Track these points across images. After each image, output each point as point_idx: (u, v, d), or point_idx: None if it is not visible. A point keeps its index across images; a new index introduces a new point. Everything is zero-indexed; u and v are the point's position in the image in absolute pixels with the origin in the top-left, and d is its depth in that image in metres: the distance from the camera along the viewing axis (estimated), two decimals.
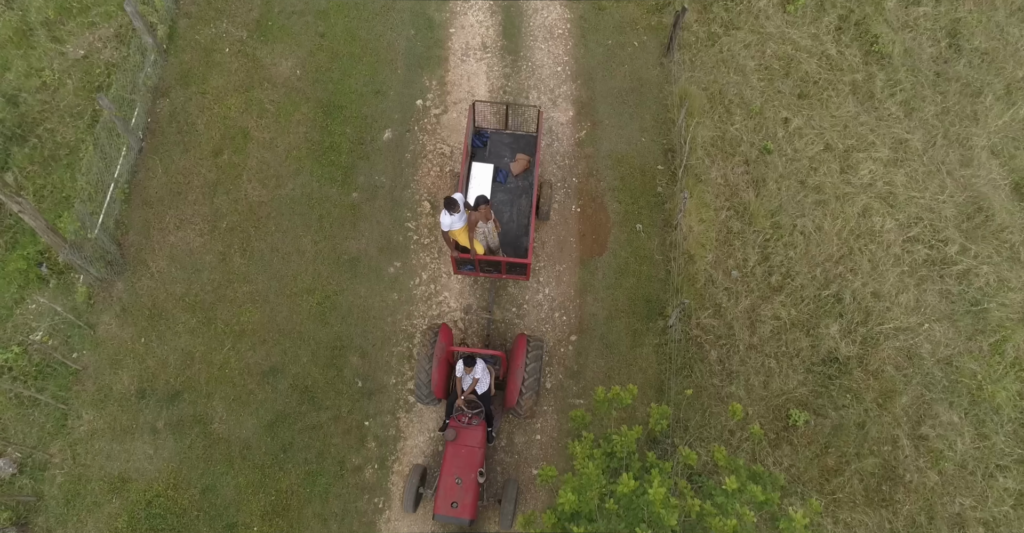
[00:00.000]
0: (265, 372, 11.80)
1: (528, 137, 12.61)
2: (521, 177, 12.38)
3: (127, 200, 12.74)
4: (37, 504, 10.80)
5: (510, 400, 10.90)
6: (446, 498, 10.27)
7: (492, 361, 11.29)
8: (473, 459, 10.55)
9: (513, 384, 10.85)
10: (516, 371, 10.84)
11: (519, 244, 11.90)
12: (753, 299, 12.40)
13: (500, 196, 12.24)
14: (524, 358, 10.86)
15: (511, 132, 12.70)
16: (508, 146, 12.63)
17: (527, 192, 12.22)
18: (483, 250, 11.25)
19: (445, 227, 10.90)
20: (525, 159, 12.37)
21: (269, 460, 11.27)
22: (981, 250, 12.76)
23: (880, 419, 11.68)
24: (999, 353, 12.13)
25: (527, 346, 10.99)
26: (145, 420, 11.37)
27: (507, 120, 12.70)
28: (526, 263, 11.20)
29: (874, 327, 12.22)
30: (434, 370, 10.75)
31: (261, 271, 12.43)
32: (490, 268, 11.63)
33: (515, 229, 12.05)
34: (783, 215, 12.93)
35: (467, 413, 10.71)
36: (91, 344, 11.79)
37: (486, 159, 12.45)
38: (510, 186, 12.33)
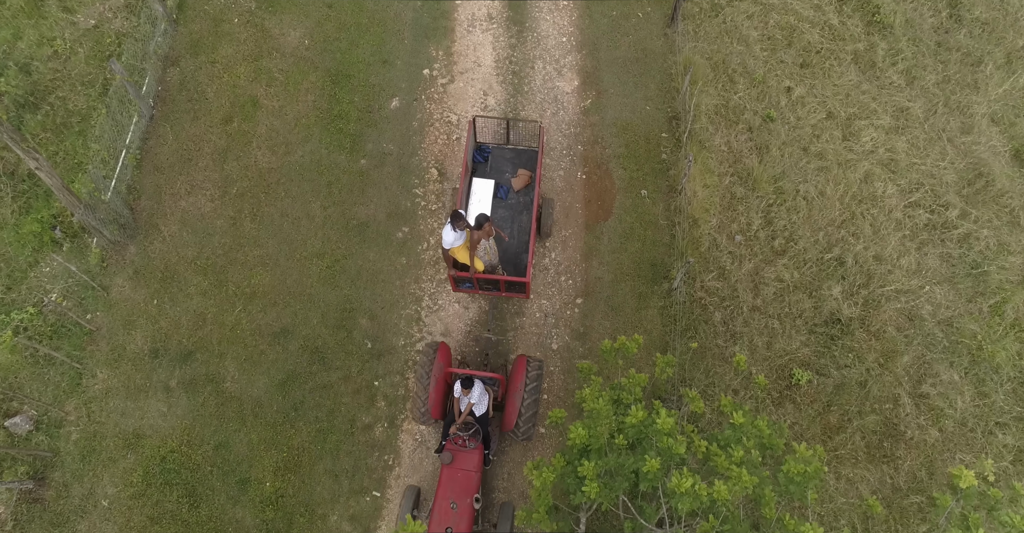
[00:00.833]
0: (276, 333, 11.97)
1: (530, 152, 12.21)
2: (522, 193, 12.01)
3: (139, 166, 12.91)
4: (53, 460, 10.99)
5: (508, 423, 10.58)
6: (440, 523, 9.78)
7: (491, 382, 10.98)
8: (469, 483, 10.16)
9: (512, 406, 10.53)
10: (515, 393, 10.52)
11: (519, 261, 11.55)
12: (756, 262, 12.57)
13: (501, 212, 11.87)
14: (523, 380, 10.55)
15: (513, 147, 12.32)
16: (510, 161, 12.22)
17: (528, 208, 11.82)
18: (483, 267, 10.99)
19: (447, 244, 10.55)
20: (527, 175, 12.01)
21: (280, 418, 11.46)
22: (981, 214, 12.93)
23: (881, 378, 11.86)
24: (999, 314, 12.31)
25: (527, 368, 10.72)
26: (158, 379, 11.55)
27: (508, 135, 12.25)
28: (525, 282, 10.86)
29: (876, 289, 12.40)
30: (431, 390, 10.48)
31: (271, 235, 12.60)
32: (489, 286, 11.31)
33: (515, 246, 11.67)
34: (786, 181, 13.10)
35: (464, 436, 10.38)
36: (104, 305, 11.97)
37: (487, 174, 12.08)
38: (511, 202, 11.97)
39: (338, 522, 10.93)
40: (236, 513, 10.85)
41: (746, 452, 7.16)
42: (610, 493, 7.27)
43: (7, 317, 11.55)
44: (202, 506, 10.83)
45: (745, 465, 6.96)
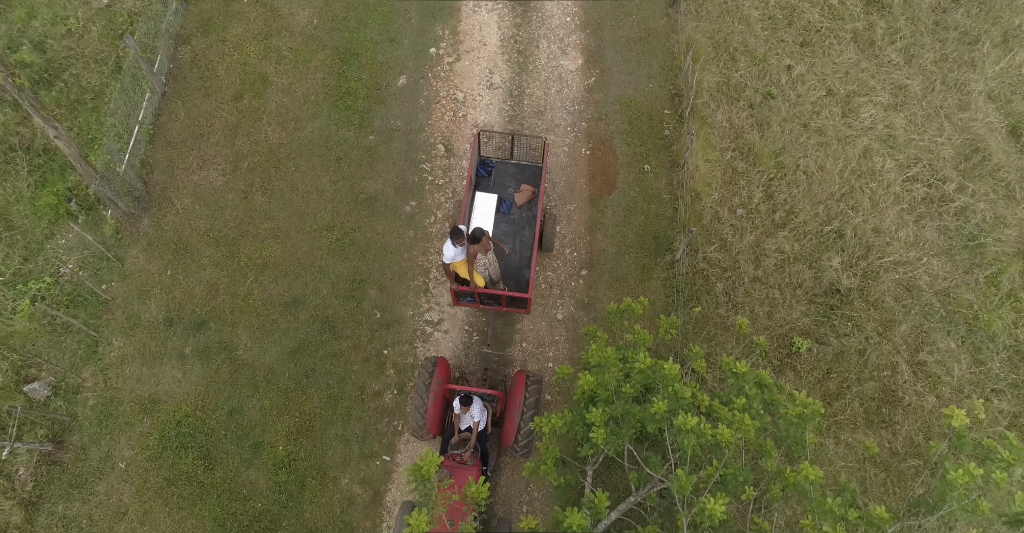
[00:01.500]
0: (287, 303, 12.23)
1: (533, 168, 12.23)
2: (525, 208, 11.97)
3: (151, 141, 13.16)
4: (71, 424, 11.25)
5: (507, 439, 10.49)
6: None
7: (490, 399, 10.95)
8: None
9: (511, 422, 10.45)
10: (514, 410, 10.45)
11: (521, 276, 11.46)
12: (757, 234, 12.83)
13: (503, 227, 11.83)
14: (523, 396, 10.46)
15: (516, 162, 12.32)
16: (513, 176, 12.20)
17: (531, 223, 11.78)
18: (484, 282, 10.93)
19: (447, 259, 10.51)
20: (530, 190, 11.99)
21: (292, 385, 11.72)
22: (978, 188, 13.18)
23: (880, 346, 12.12)
24: (995, 285, 12.56)
25: (526, 384, 10.65)
26: (173, 347, 11.81)
27: (512, 150, 12.23)
28: (527, 297, 10.76)
29: (874, 261, 12.65)
30: (429, 406, 10.40)
31: (282, 209, 12.86)
32: (490, 301, 11.25)
33: (517, 261, 11.59)
34: (786, 155, 13.35)
35: (462, 453, 10.29)
36: (119, 276, 12.23)
37: (490, 189, 12.07)
38: (513, 217, 11.92)
39: (349, 485, 11.19)
40: (250, 475, 11.12)
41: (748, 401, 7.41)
42: (616, 440, 7.53)
43: (25, 286, 11.82)
44: (217, 468, 11.10)
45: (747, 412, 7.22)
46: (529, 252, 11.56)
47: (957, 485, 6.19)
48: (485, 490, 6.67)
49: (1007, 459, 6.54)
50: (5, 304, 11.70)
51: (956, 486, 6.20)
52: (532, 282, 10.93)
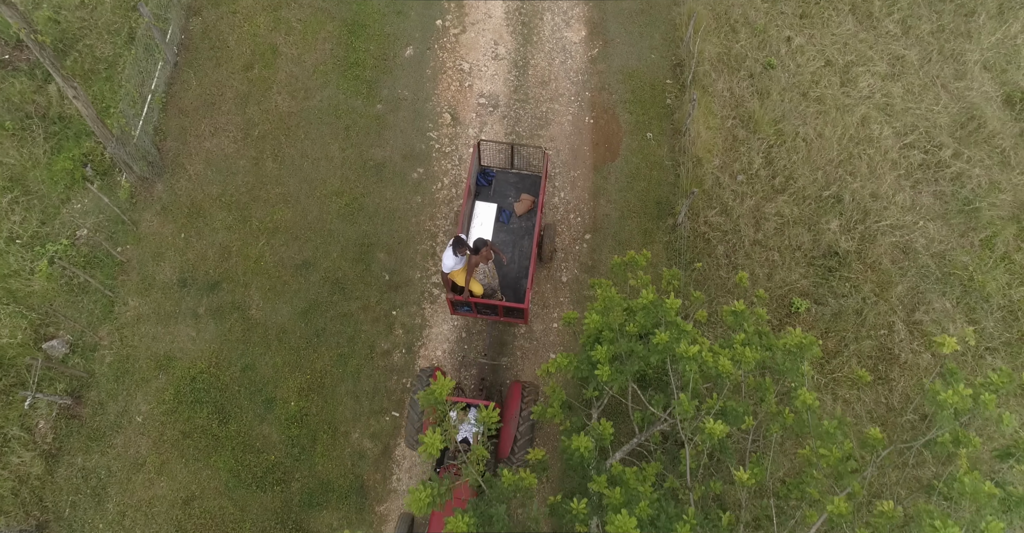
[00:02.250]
0: (298, 265, 12.53)
1: (534, 177, 12.19)
2: (524, 218, 11.93)
3: (164, 109, 13.45)
4: (89, 380, 11.55)
5: (503, 450, 10.37)
6: None
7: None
8: None
9: (507, 433, 10.33)
10: (510, 421, 10.36)
11: (519, 286, 11.38)
12: (757, 199, 13.11)
13: (502, 236, 11.80)
14: (519, 407, 10.34)
15: (517, 172, 12.30)
16: (513, 186, 12.17)
17: (529, 233, 11.73)
18: (480, 291, 10.90)
19: (447, 268, 10.50)
20: (529, 199, 11.96)
21: (303, 343, 12.02)
22: (973, 155, 13.45)
23: (877, 306, 12.41)
24: (989, 248, 12.84)
25: (522, 394, 10.53)
26: (187, 306, 12.11)
27: (512, 159, 12.22)
28: (523, 308, 10.73)
29: (872, 224, 12.93)
30: (425, 418, 10.26)
31: (292, 175, 13.14)
32: (487, 310, 11.22)
33: (516, 271, 11.53)
34: (786, 123, 13.62)
35: (457, 465, 10.08)
36: (134, 239, 12.52)
37: (490, 198, 12.05)
38: (513, 226, 11.88)
39: (359, 439, 11.49)
40: (263, 429, 11.42)
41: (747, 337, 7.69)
42: (620, 377, 7.81)
43: (42, 248, 12.11)
44: (231, 422, 11.40)
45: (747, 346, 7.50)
46: (527, 262, 11.46)
47: (947, 405, 6.48)
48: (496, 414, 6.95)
49: (996, 383, 6.83)
50: (24, 265, 12.00)
51: (946, 406, 6.48)
52: (529, 292, 10.91)
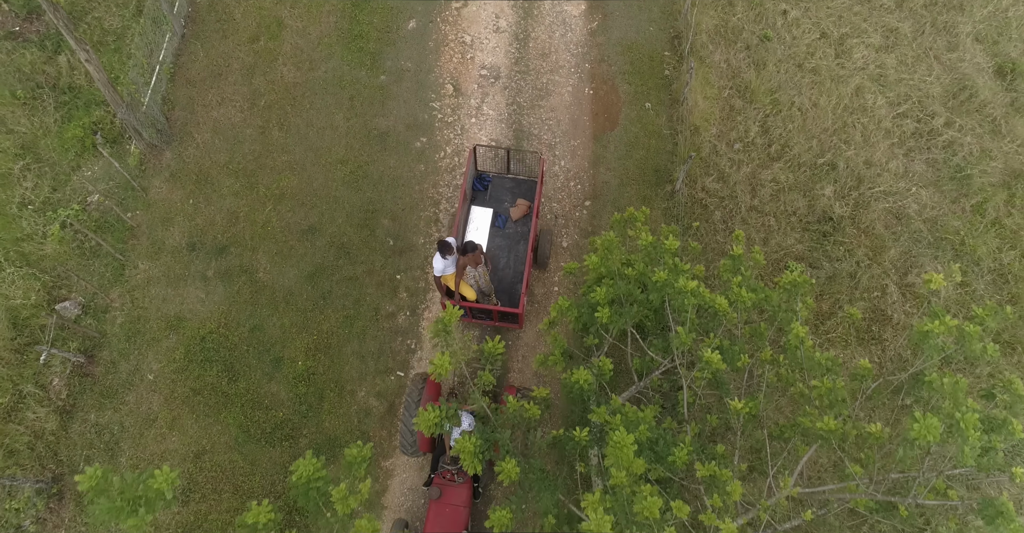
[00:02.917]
0: (304, 230, 12.80)
1: (530, 182, 12.25)
2: (520, 223, 11.97)
3: (172, 80, 13.70)
4: (101, 340, 11.83)
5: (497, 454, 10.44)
6: None
7: None
8: (458, 518, 9.89)
9: None
10: None
11: (514, 291, 11.44)
12: (754, 166, 13.39)
13: (498, 241, 11.82)
14: None
15: (513, 177, 12.34)
16: (509, 191, 12.23)
17: (525, 238, 11.76)
18: (474, 296, 10.97)
19: (438, 272, 10.60)
20: (525, 205, 11.99)
21: (310, 305, 12.29)
22: (965, 123, 13.74)
23: (870, 270, 12.70)
24: (980, 213, 13.14)
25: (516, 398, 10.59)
26: (196, 269, 12.38)
27: (508, 165, 12.26)
28: (517, 312, 10.75)
29: (865, 191, 13.22)
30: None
31: (298, 143, 13.41)
32: (482, 315, 11.33)
33: (511, 276, 11.59)
34: (782, 93, 13.90)
35: (453, 470, 10.17)
36: (144, 205, 12.79)
37: (486, 203, 12.13)
38: (508, 232, 11.93)
39: (365, 397, 11.77)
40: (271, 387, 11.70)
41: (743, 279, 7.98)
42: (620, 319, 8.09)
43: (54, 213, 12.37)
44: (240, 380, 11.68)
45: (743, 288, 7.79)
46: (523, 267, 11.51)
47: (933, 334, 6.76)
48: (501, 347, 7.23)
49: (980, 315, 7.11)
50: (36, 229, 12.26)
51: (932, 335, 6.76)
52: (524, 297, 11.00)
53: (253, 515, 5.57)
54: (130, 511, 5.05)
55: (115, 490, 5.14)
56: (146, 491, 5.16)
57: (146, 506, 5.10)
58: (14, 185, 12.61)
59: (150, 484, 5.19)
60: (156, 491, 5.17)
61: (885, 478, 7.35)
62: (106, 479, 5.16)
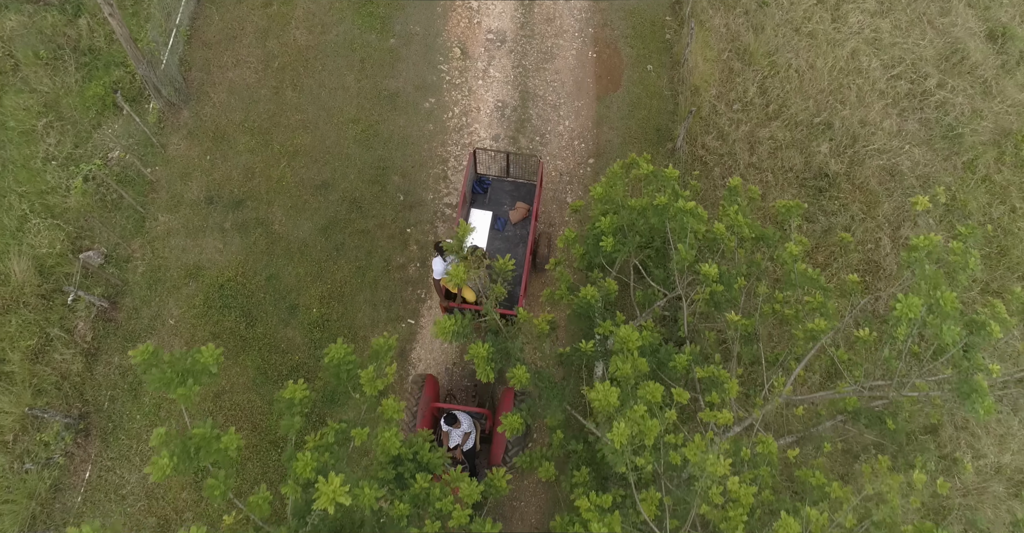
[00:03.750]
0: (317, 185, 13.25)
1: (529, 186, 12.36)
2: (519, 226, 12.06)
3: (188, 42, 14.14)
4: (123, 288, 12.29)
5: (495, 457, 10.43)
6: None
7: (478, 416, 10.79)
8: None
9: (499, 440, 10.36)
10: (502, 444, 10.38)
11: (513, 293, 11.44)
12: (752, 125, 13.83)
13: (497, 244, 11.89)
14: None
15: (512, 180, 12.45)
16: (509, 194, 12.30)
17: (524, 241, 11.85)
18: (474, 297, 11.05)
19: (438, 275, 10.71)
20: (524, 208, 12.09)
21: (324, 256, 12.75)
22: (957, 84, 14.18)
23: (864, 224, 13.15)
24: (971, 170, 13.59)
25: (514, 401, 10.56)
26: (214, 221, 12.83)
27: (508, 168, 12.40)
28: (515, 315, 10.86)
29: (860, 149, 13.66)
30: (418, 424, 10.33)
31: (311, 103, 13.85)
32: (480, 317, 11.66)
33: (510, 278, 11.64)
34: (779, 56, 14.33)
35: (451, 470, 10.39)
36: (162, 160, 13.24)
37: (486, 206, 12.21)
38: (508, 234, 11.98)
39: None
40: (287, 333, 12.17)
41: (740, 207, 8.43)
42: (624, 248, 8.55)
43: (77, 168, 12.83)
44: (257, 325, 12.15)
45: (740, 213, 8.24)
46: (521, 270, 11.55)
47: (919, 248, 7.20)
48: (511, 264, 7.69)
49: (963, 233, 7.57)
50: (60, 182, 12.72)
51: (918, 249, 7.20)
52: (522, 299, 11.10)
53: (290, 391, 6.05)
54: (179, 382, 5.53)
55: (165, 364, 5.62)
56: (194, 365, 5.63)
57: (194, 377, 5.58)
58: (38, 141, 13.06)
59: (197, 358, 5.66)
60: (202, 365, 5.64)
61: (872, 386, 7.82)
62: (157, 355, 5.64)
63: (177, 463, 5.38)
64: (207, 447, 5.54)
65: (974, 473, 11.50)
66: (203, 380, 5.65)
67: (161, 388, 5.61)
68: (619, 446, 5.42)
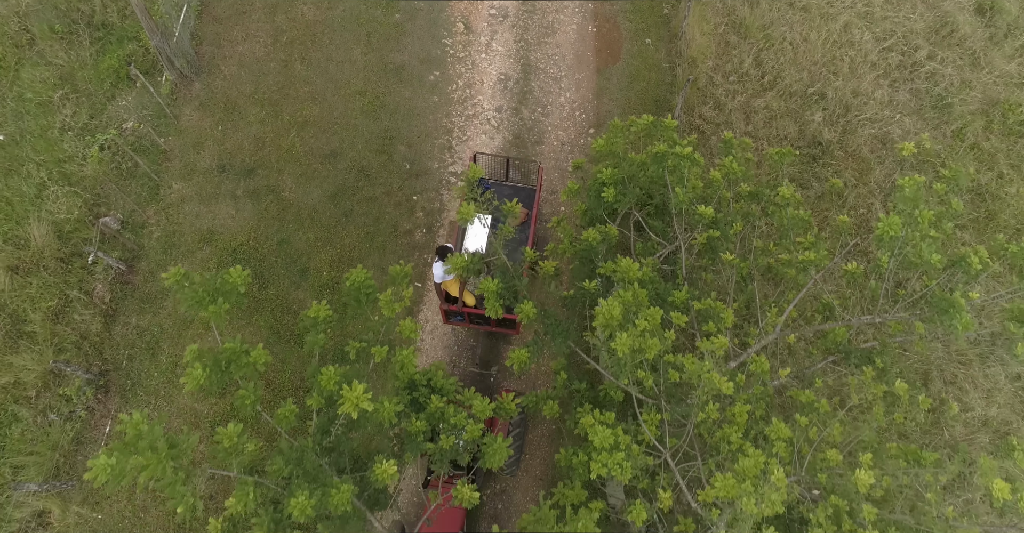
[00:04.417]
0: (326, 154, 13.64)
1: (528, 190, 12.42)
2: (518, 230, 11.97)
3: (199, 17, 14.52)
4: (139, 252, 12.68)
5: None
6: None
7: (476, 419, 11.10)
8: (455, 520, 10.09)
9: None
10: (500, 429, 10.55)
11: None
12: (748, 95, 14.24)
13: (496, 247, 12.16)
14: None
15: (512, 184, 12.54)
16: (508, 198, 12.42)
17: (523, 245, 11.87)
18: (473, 301, 11.19)
19: (438, 279, 10.84)
20: (524, 212, 12.10)
21: (333, 222, 13.15)
22: (947, 56, 14.59)
23: (856, 189, 13.57)
24: (960, 138, 14.00)
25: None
26: (226, 189, 13.23)
27: (508, 172, 12.57)
28: (515, 319, 10.54)
29: (852, 118, 14.07)
30: None
31: (319, 75, 14.24)
32: (480, 320, 11.46)
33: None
34: (774, 29, 14.73)
35: (450, 472, 10.21)
36: (175, 131, 13.63)
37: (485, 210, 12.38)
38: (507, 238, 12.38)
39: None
40: (298, 294, 12.57)
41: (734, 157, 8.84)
42: (625, 199, 8.94)
43: (93, 137, 13.21)
44: (270, 287, 12.55)
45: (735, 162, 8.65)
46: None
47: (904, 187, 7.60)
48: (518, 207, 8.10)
49: (947, 175, 7.98)
50: (77, 151, 13.10)
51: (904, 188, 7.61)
52: None
53: (314, 311, 6.45)
54: (210, 300, 5.94)
55: (197, 284, 6.02)
56: (223, 285, 6.03)
57: (224, 296, 5.98)
58: (54, 112, 13.44)
59: (226, 279, 6.06)
60: (231, 285, 6.05)
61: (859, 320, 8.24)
62: (188, 277, 6.04)
63: (210, 374, 5.79)
64: (237, 361, 5.95)
65: (962, 425, 11.94)
66: (232, 299, 6.05)
67: (193, 306, 6.02)
68: (621, 355, 5.82)
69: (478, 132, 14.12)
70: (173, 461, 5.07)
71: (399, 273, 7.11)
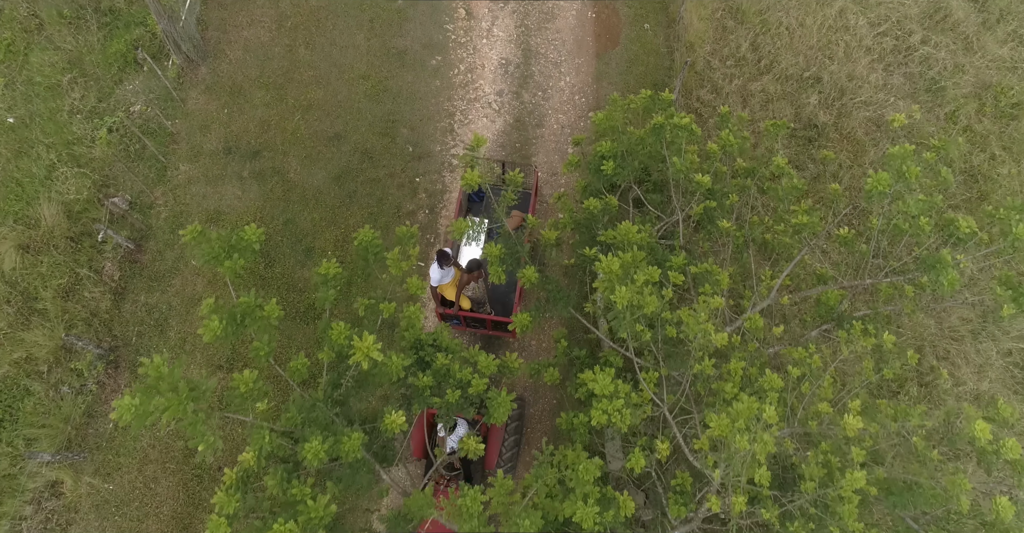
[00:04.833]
0: (330, 137, 13.88)
1: (524, 194, 12.53)
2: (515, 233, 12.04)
3: (205, 3, 14.75)
4: (147, 232, 12.93)
5: (490, 461, 10.63)
6: None
7: (473, 423, 10.83)
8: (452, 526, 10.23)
9: (493, 445, 10.57)
10: (497, 432, 10.68)
11: (508, 300, 11.60)
12: (745, 79, 14.48)
13: None
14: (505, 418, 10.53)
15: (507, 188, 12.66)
16: None
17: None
18: (469, 305, 11.35)
19: (435, 282, 10.94)
20: (519, 216, 12.04)
21: (337, 203, 13.39)
22: (940, 40, 14.83)
23: (851, 170, 13.82)
24: (953, 120, 14.26)
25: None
26: (232, 170, 13.47)
27: (504, 176, 12.57)
28: (510, 322, 10.35)
29: (847, 101, 14.32)
30: (413, 430, 9.87)
31: (323, 60, 14.48)
32: (476, 323, 11.60)
33: (505, 286, 11.63)
34: (770, 14, 14.97)
35: (446, 476, 10.37)
36: (182, 114, 13.87)
37: (481, 214, 12.35)
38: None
39: (389, 281, 12.84)
40: (303, 274, 12.82)
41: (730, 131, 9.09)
42: (624, 172, 9.19)
43: (101, 120, 13.45)
44: (276, 266, 12.80)
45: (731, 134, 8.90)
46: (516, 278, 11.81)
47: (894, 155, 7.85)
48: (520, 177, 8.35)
49: (937, 145, 8.23)
50: (86, 133, 13.34)
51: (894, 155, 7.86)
52: (517, 307, 11.31)
53: (324, 268, 6.71)
54: (226, 255, 6.17)
55: (213, 241, 6.25)
56: (239, 241, 6.27)
57: (239, 252, 6.22)
58: (63, 96, 13.68)
59: (241, 236, 6.30)
60: (247, 242, 6.29)
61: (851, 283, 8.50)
62: (204, 233, 6.28)
63: (226, 326, 6.03)
64: (251, 314, 6.19)
65: (954, 399, 12.19)
66: (247, 256, 6.28)
67: (209, 262, 6.26)
68: (621, 307, 6.06)
69: (479, 115, 14.37)
70: (193, 403, 5.30)
71: (405, 233, 7.37)
